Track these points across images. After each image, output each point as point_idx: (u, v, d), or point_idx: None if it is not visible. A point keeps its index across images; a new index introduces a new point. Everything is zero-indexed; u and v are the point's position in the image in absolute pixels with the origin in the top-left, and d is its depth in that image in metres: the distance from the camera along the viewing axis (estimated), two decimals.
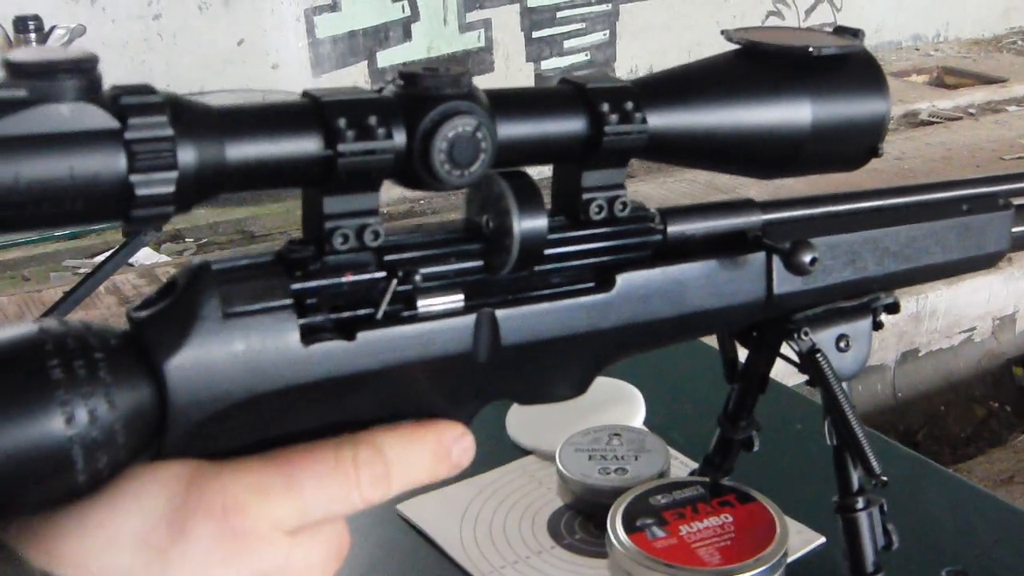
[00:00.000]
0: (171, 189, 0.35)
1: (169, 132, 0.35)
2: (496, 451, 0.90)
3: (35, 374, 0.34)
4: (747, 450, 0.73)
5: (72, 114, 0.33)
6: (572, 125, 0.44)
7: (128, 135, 0.34)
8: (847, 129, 0.51)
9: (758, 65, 0.50)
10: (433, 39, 4.59)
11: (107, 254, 3.16)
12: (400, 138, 0.40)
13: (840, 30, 0.53)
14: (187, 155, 0.35)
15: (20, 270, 3.23)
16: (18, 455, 0.33)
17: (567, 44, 4.94)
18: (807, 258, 0.51)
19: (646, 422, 0.96)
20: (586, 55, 5.00)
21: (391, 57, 4.51)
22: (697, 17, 5.15)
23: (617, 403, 0.96)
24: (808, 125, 0.50)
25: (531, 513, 0.83)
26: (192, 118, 0.36)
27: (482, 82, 0.43)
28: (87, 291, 2.40)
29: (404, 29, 4.52)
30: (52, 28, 2.71)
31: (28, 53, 0.33)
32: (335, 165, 0.39)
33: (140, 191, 0.34)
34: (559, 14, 4.89)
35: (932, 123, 4.73)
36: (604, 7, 4.98)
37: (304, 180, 0.40)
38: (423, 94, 0.40)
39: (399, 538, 0.80)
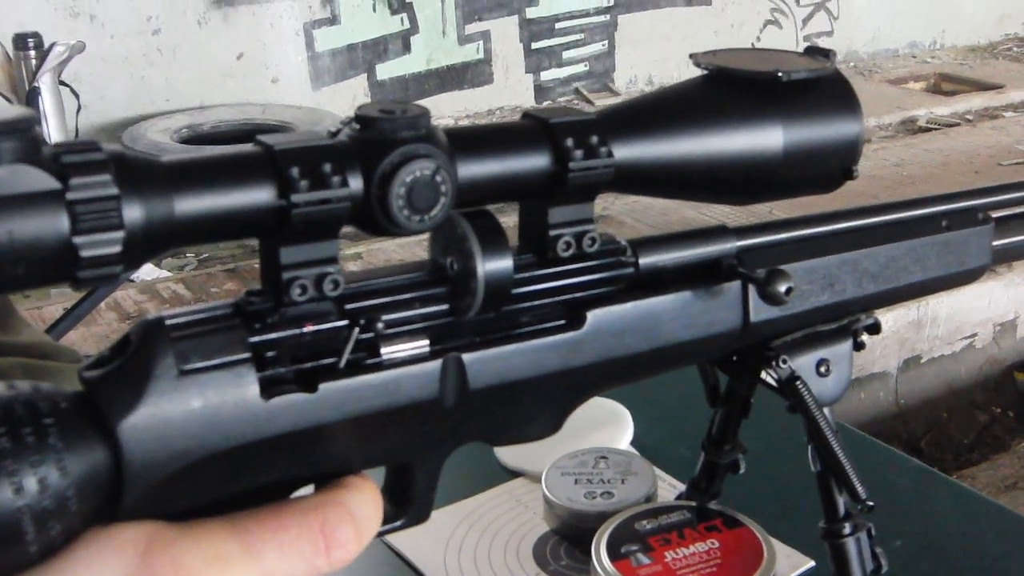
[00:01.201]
0: (117, 249, 0.34)
1: (114, 191, 0.34)
2: (484, 473, 0.90)
3: None
4: (733, 473, 0.73)
5: (10, 176, 0.32)
6: (536, 162, 0.43)
7: (70, 196, 0.33)
8: (820, 152, 0.50)
9: (727, 91, 0.48)
10: (432, 51, 4.60)
11: None
12: (356, 185, 0.38)
13: (811, 50, 0.52)
14: (134, 213, 0.34)
15: None
16: None
17: (566, 55, 4.95)
18: (782, 288, 0.50)
19: (634, 442, 0.95)
20: (585, 66, 5.01)
21: (391, 70, 4.52)
22: (695, 27, 5.16)
23: (606, 423, 0.96)
24: (780, 150, 0.49)
25: (517, 538, 0.82)
26: (138, 174, 0.35)
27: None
28: (88, 308, 2.41)
29: (403, 42, 4.53)
30: (52, 45, 2.72)
31: None
32: (289, 216, 0.37)
33: (85, 253, 0.33)
34: (558, 25, 4.90)
35: (930, 130, 4.73)
36: (602, 18, 4.99)
37: (258, 231, 0.38)
38: (379, 138, 0.39)
39: (383, 566, 0.80)
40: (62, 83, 3.33)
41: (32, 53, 2.69)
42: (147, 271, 3.36)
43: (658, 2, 5.11)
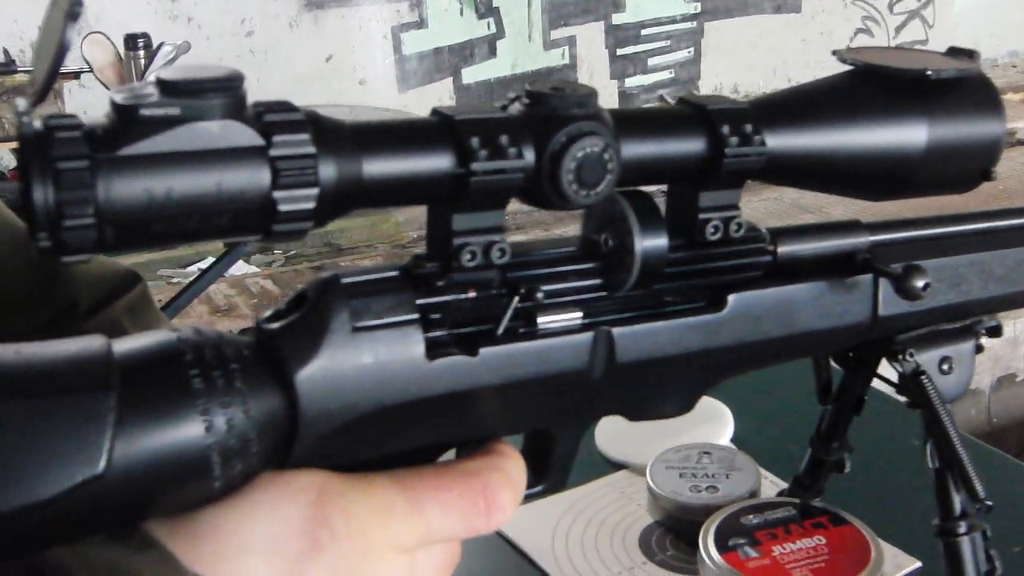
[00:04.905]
0: (312, 205, 0.36)
1: (311, 150, 0.35)
2: (587, 465, 0.91)
3: (177, 384, 0.35)
4: (838, 471, 0.73)
5: (220, 131, 0.34)
6: (693, 146, 0.44)
7: (273, 152, 0.35)
8: (961, 152, 0.51)
9: (874, 87, 0.49)
10: (518, 56, 4.63)
11: (200, 264, 3.25)
12: (529, 157, 0.40)
13: (954, 51, 0.53)
14: (327, 172, 0.36)
15: None
16: (161, 460, 0.35)
17: (651, 62, 4.94)
18: (920, 283, 0.51)
19: (734, 439, 0.96)
20: (670, 73, 4.99)
21: (476, 74, 4.56)
22: (783, 36, 5.11)
23: (706, 420, 0.96)
24: (923, 147, 0.50)
25: (622, 529, 0.83)
26: (332, 135, 0.37)
27: None
28: (188, 299, 2.48)
29: (489, 46, 4.56)
30: (160, 45, 2.81)
31: (178, 72, 0.34)
32: (467, 183, 0.39)
33: (283, 207, 0.35)
34: (644, 31, 4.88)
35: None
36: (689, 24, 4.96)
37: (435, 197, 0.40)
38: (551, 114, 0.40)
39: (492, 551, 0.81)
40: None
41: (141, 53, 2.79)
42: (236, 267, 3.43)
43: (746, 9, 5.07)
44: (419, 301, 0.41)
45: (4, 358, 0.35)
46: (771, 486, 0.86)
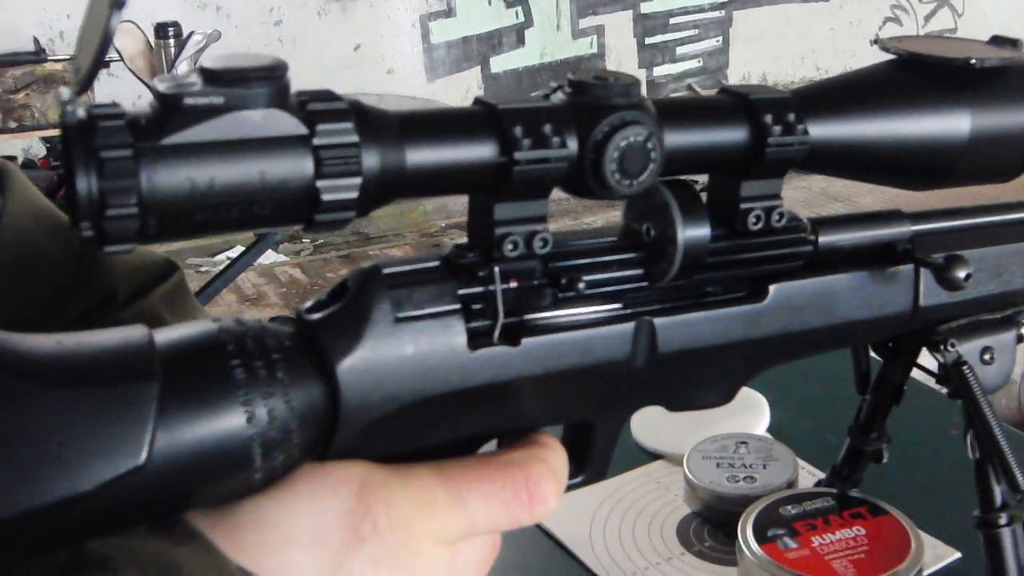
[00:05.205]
0: (355, 195, 0.36)
1: (355, 139, 0.35)
2: (623, 455, 0.91)
3: (219, 375, 0.35)
4: (876, 462, 0.73)
5: (264, 120, 0.34)
6: (736, 136, 0.44)
7: (316, 141, 0.35)
8: (1004, 141, 0.51)
9: (918, 76, 0.49)
10: (546, 45, 4.61)
11: (229, 253, 3.27)
12: (573, 147, 0.39)
13: (997, 40, 0.52)
14: (371, 161, 0.36)
15: None
16: (202, 451, 0.35)
17: (680, 51, 4.91)
18: (961, 273, 0.51)
19: (770, 429, 0.95)
20: (699, 62, 4.96)
21: (504, 63, 4.55)
22: (812, 24, 5.06)
23: (742, 409, 0.96)
24: (966, 137, 0.49)
25: (660, 519, 0.83)
26: (375, 124, 0.36)
27: None
28: (217, 288, 2.50)
29: (517, 35, 4.55)
30: (191, 34, 2.83)
31: (221, 60, 0.34)
32: (510, 172, 0.38)
33: (326, 196, 0.35)
34: (672, 20, 4.85)
35: None
36: (717, 13, 4.93)
37: (478, 186, 0.40)
38: (594, 103, 0.40)
39: (529, 540, 0.81)
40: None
41: (171, 42, 2.81)
42: (267, 256, 3.46)
43: None
44: (461, 291, 0.40)
45: (45, 348, 0.35)
46: (808, 476, 0.86)
